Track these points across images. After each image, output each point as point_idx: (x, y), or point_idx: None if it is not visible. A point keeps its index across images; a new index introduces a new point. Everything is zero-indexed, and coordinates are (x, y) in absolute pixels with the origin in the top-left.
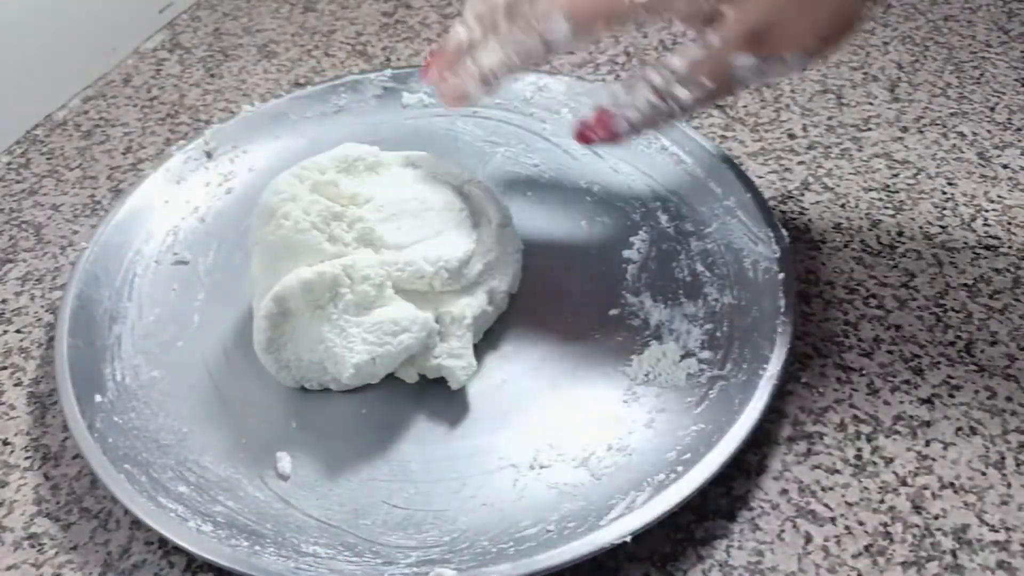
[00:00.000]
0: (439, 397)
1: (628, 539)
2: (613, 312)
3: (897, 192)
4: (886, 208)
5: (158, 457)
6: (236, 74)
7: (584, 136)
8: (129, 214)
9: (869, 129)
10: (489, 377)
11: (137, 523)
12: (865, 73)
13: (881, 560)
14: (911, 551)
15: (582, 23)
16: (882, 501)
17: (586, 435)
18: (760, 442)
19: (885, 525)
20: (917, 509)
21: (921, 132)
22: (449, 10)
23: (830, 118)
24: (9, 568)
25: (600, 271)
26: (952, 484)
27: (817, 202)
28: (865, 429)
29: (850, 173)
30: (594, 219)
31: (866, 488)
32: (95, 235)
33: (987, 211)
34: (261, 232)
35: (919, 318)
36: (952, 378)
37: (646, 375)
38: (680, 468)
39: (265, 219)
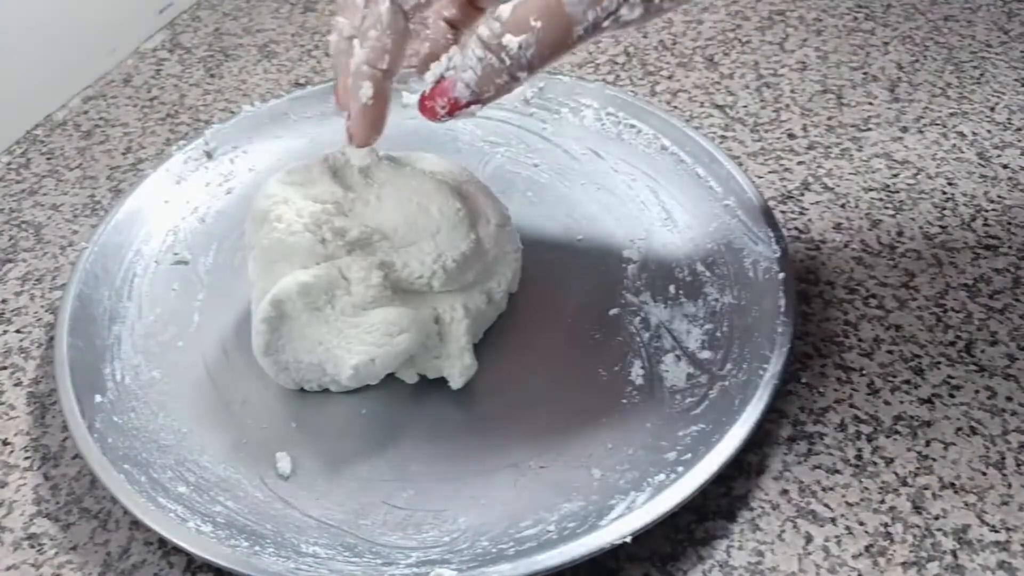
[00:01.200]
0: (439, 397)
1: (628, 539)
2: (613, 312)
3: (897, 192)
4: (886, 208)
5: (158, 457)
6: (236, 74)
7: (425, 107)
8: (129, 214)
9: (869, 129)
10: (489, 377)
11: (137, 523)
12: (865, 73)
13: (881, 560)
14: (911, 551)
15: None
16: (882, 501)
17: (586, 435)
18: (760, 442)
19: (885, 525)
20: (917, 509)
21: (921, 132)
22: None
23: (830, 118)
24: (9, 568)
25: (600, 271)
26: (952, 484)
27: (817, 202)
28: (865, 429)
29: (850, 173)
30: (594, 219)
31: (866, 488)
32: (95, 235)
33: (987, 211)
34: (255, 236)
35: (919, 318)
36: (952, 378)
37: (646, 375)
38: (680, 468)
39: (258, 223)
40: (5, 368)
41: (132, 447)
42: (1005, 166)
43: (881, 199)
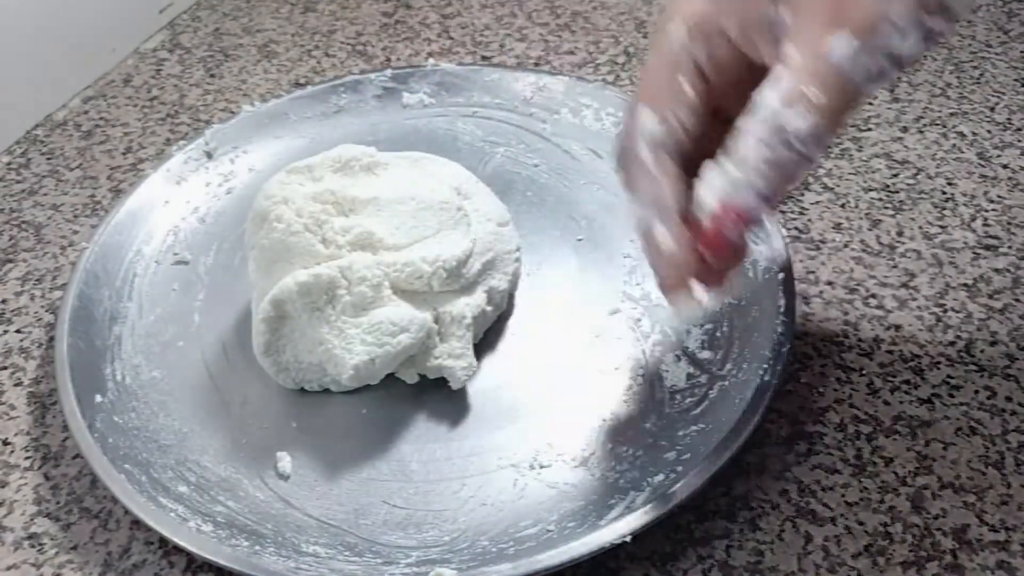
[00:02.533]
0: (439, 397)
1: (628, 539)
2: (613, 312)
3: (897, 192)
4: (886, 208)
5: (158, 457)
6: (236, 74)
7: (714, 242)
8: (129, 214)
9: (869, 129)
10: (489, 377)
11: (137, 523)
12: None
13: (881, 560)
14: (911, 551)
15: None
16: (882, 501)
17: (586, 435)
18: (760, 442)
19: (885, 525)
20: (917, 509)
21: (921, 132)
22: (449, 10)
23: None
24: (9, 568)
25: (600, 271)
26: (952, 484)
27: (817, 202)
28: (865, 429)
29: (850, 173)
30: (594, 219)
31: (866, 488)
32: (95, 235)
33: (987, 211)
34: (255, 236)
35: (919, 318)
36: (952, 378)
37: (646, 374)
38: (680, 468)
39: (258, 223)
40: (5, 368)
41: (132, 447)
42: (1005, 166)
43: (881, 199)
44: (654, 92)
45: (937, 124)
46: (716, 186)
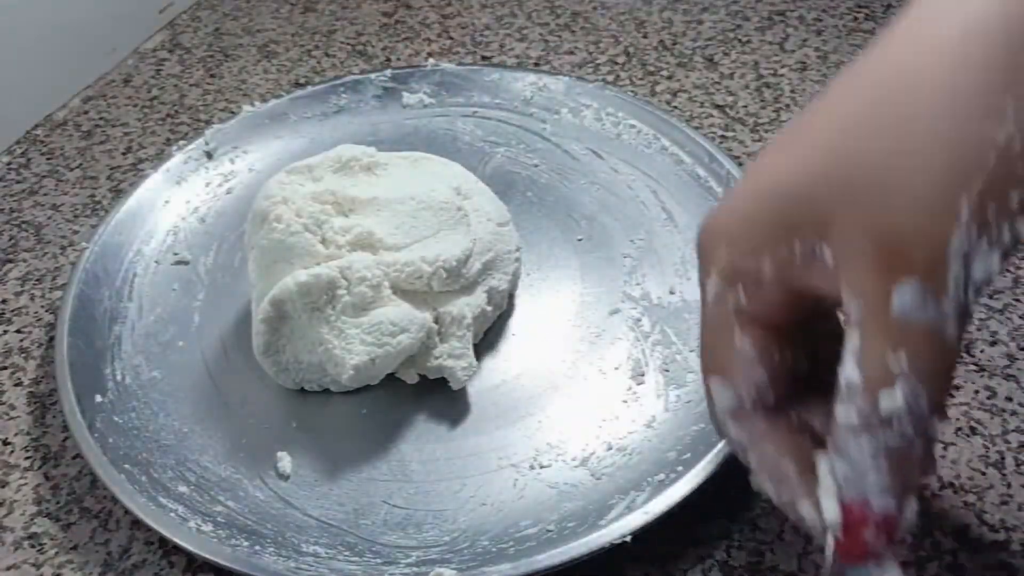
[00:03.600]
0: (439, 397)
1: (628, 539)
2: (613, 312)
3: None
4: None
5: (158, 457)
6: (236, 74)
7: (853, 552)
8: (129, 214)
9: None
10: (489, 377)
11: (137, 523)
12: None
13: None
14: (911, 551)
15: None
16: None
17: (586, 435)
18: None
19: None
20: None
21: None
22: (449, 10)
23: None
24: (9, 568)
25: (600, 271)
26: (952, 484)
27: None
28: None
29: None
30: (594, 219)
31: None
32: (95, 235)
33: None
34: (255, 237)
35: None
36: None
37: (646, 375)
38: (680, 468)
39: (258, 223)
40: (5, 368)
41: (132, 447)
42: None
43: None
44: (715, 362)
45: None
46: (828, 485)
